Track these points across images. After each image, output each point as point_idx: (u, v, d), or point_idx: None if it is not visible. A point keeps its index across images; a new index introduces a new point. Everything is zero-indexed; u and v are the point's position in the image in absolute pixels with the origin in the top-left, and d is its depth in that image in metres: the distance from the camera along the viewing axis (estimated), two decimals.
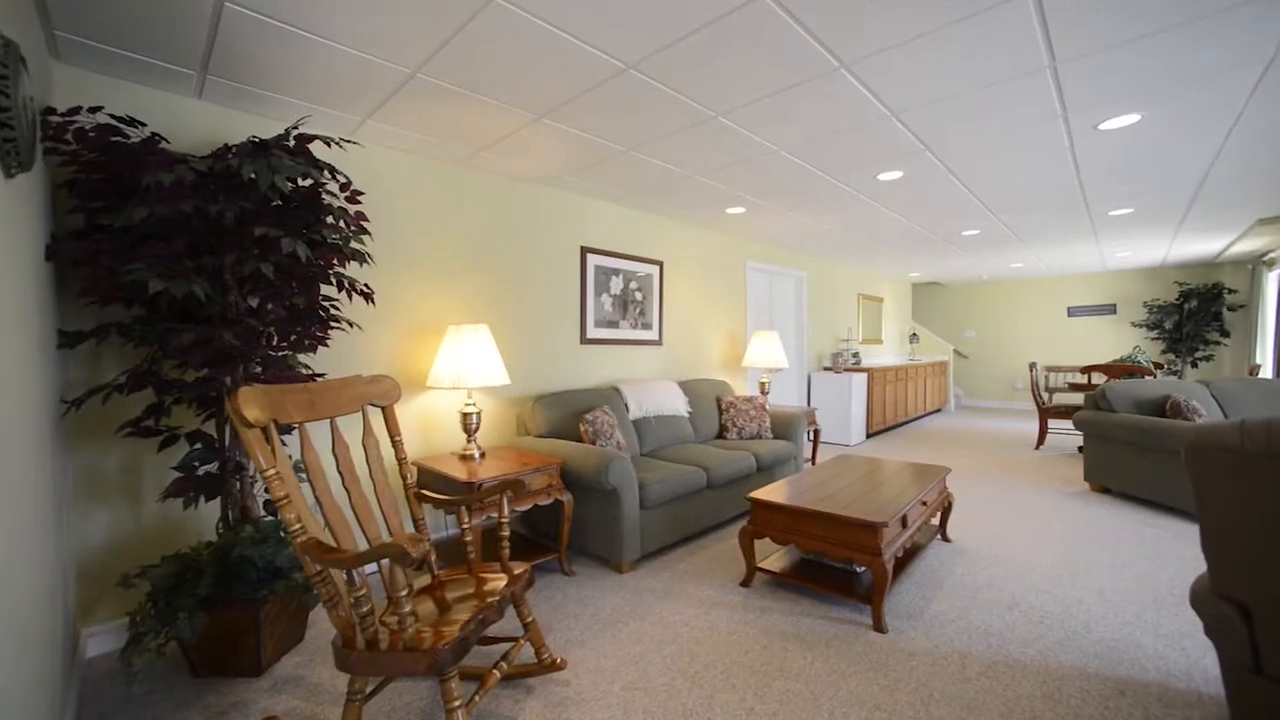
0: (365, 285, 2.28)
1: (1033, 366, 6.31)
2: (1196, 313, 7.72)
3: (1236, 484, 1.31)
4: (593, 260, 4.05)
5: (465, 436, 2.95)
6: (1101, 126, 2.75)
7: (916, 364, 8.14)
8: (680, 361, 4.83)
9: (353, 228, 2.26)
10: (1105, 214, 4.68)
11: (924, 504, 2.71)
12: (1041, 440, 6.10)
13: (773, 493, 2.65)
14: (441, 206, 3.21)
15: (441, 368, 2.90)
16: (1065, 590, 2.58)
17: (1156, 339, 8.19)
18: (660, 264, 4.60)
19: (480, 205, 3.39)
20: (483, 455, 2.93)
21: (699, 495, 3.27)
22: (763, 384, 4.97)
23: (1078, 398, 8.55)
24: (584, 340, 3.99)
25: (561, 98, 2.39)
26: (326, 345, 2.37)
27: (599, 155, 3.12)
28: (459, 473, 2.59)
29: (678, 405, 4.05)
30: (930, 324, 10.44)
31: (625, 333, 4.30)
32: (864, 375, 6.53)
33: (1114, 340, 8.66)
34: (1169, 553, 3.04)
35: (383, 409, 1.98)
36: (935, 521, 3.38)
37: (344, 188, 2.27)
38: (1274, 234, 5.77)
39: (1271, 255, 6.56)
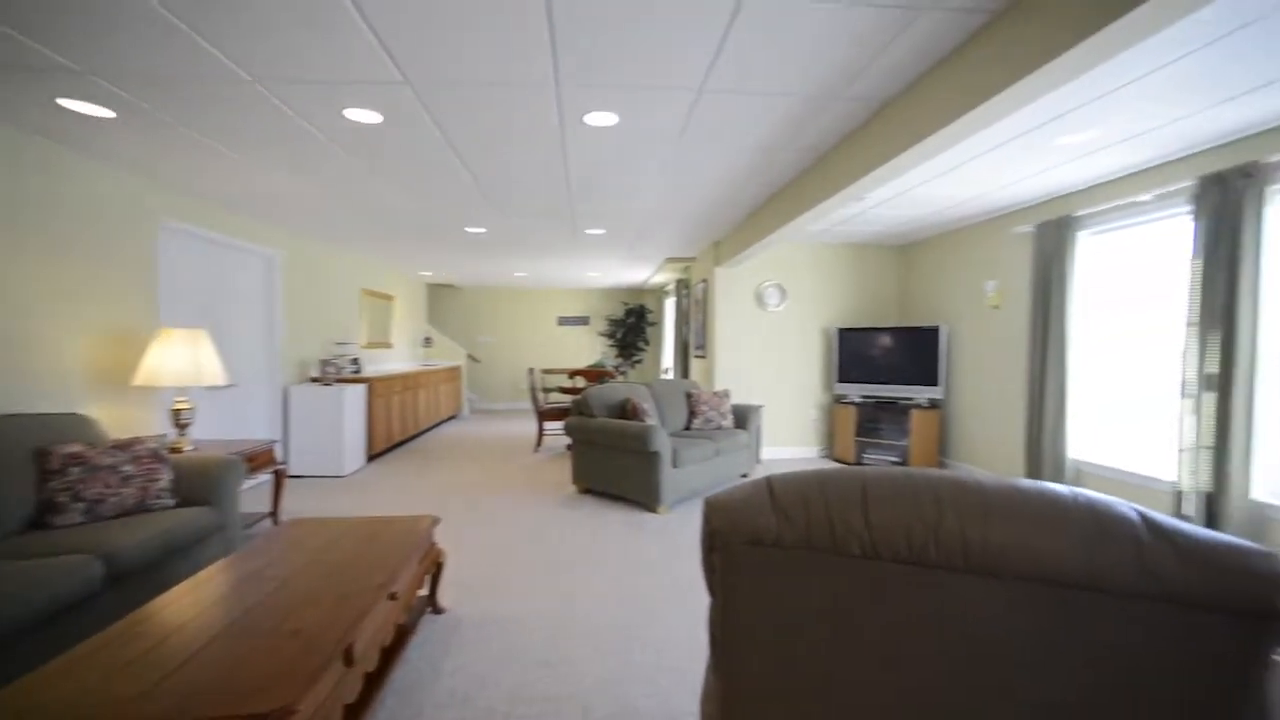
0: None
1: (531, 371, 6.60)
2: (633, 327, 10.06)
3: (765, 579, 0.91)
4: None
5: None
6: (587, 119, 2.54)
7: (430, 370, 7.53)
8: None
9: None
10: (584, 231, 5.10)
11: (394, 598, 1.82)
12: (540, 442, 6.42)
13: (64, 675, 1.20)
14: None
15: None
16: (562, 660, 2.12)
17: (613, 346, 10.29)
18: None
19: None
20: None
21: None
22: (177, 412, 3.12)
23: (567, 398, 9.86)
24: None
25: None
26: None
27: None
28: None
29: None
30: (446, 327, 10.14)
31: None
32: (362, 387, 5.35)
33: (589, 347, 10.42)
34: (635, 552, 3.19)
35: None
36: (425, 590, 2.58)
37: None
38: (674, 271, 7.88)
39: (669, 287, 9.08)
